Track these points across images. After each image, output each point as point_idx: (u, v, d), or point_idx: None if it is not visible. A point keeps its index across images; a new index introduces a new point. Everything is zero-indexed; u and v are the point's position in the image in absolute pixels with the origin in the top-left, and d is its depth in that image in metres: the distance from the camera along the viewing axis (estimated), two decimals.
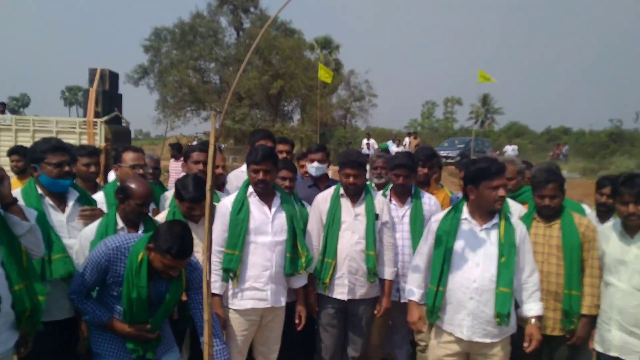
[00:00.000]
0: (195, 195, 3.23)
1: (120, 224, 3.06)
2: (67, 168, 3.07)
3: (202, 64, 31.63)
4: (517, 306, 3.07)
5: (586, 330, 3.20)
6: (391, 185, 3.95)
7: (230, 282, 3.22)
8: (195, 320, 2.96)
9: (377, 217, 3.54)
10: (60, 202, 3.11)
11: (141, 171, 3.67)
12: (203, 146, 3.79)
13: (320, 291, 3.57)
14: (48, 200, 3.05)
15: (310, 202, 3.74)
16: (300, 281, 3.44)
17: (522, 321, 3.08)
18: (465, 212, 3.04)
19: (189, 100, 30.40)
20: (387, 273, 3.60)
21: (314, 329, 3.71)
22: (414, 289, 3.23)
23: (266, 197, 3.33)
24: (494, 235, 2.94)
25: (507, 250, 2.89)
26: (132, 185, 3.03)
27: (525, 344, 3.00)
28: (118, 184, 3.54)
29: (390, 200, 3.86)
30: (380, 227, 3.57)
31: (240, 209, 3.23)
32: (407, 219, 3.80)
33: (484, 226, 2.97)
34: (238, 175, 4.24)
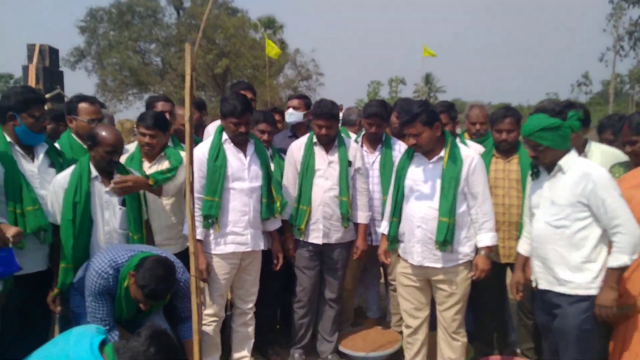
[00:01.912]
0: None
1: (94, 172, 3.01)
2: (45, 122, 3.01)
3: (142, 45, 30.51)
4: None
5: None
6: (363, 132, 4.06)
7: (211, 228, 3.26)
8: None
9: (350, 163, 3.65)
10: (29, 152, 3.00)
11: None
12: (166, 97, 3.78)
13: (297, 236, 3.66)
14: (18, 148, 2.93)
15: None
16: (274, 224, 3.53)
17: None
18: None
19: (131, 83, 29.29)
20: (362, 217, 3.73)
21: (292, 277, 3.79)
22: (384, 224, 3.48)
23: (241, 144, 3.37)
24: (439, 168, 3.14)
25: (447, 182, 3.08)
26: (102, 133, 2.99)
27: (472, 273, 3.22)
28: (73, 136, 3.44)
29: (361, 146, 3.96)
30: (353, 174, 3.68)
31: (217, 156, 3.27)
32: (377, 165, 3.93)
33: (431, 160, 3.17)
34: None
